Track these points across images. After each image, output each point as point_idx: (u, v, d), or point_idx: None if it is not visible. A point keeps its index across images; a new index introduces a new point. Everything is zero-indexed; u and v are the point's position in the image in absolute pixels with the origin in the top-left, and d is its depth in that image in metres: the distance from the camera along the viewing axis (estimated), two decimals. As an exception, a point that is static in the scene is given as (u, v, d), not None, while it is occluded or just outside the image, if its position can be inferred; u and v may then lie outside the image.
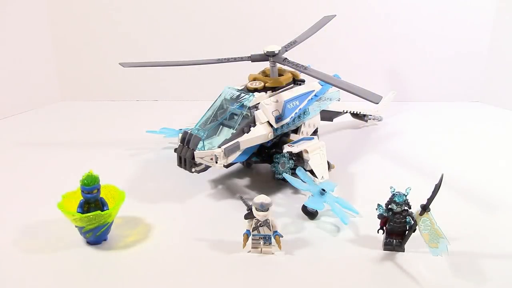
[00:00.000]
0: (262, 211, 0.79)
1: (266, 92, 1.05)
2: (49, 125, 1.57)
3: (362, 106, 1.41)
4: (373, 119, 1.49)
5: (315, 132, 1.19)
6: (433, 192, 0.76)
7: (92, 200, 0.83)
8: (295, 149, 1.02)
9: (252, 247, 0.82)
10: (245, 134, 0.98)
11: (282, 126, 1.04)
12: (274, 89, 1.07)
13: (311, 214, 0.94)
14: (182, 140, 0.97)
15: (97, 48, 1.80)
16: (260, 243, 0.82)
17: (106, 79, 1.83)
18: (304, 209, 0.94)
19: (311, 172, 0.99)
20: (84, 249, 0.84)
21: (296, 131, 1.13)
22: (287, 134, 1.10)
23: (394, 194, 0.80)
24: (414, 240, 0.80)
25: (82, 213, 0.82)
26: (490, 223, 0.92)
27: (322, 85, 1.14)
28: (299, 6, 1.70)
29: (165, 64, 1.24)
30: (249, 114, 1.00)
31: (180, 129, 1.24)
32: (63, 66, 1.83)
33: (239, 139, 0.96)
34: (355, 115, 1.45)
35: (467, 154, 1.27)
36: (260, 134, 0.99)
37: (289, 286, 0.75)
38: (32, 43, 1.72)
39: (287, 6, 1.71)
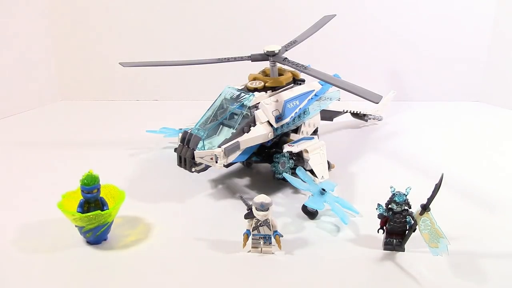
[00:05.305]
0: (262, 211, 0.79)
1: (266, 92, 1.05)
2: (49, 125, 1.57)
3: (362, 106, 1.41)
4: (373, 119, 1.49)
5: (315, 132, 1.19)
6: (433, 192, 0.76)
7: (92, 199, 0.83)
8: (295, 148, 1.02)
9: (252, 247, 0.82)
10: (245, 133, 0.98)
11: (282, 126, 1.04)
12: (274, 88, 1.06)
13: (311, 214, 0.94)
14: (182, 139, 0.97)
15: (97, 48, 1.80)
16: (260, 242, 0.82)
17: (106, 79, 1.83)
18: (304, 209, 0.94)
19: (311, 171, 0.99)
20: (84, 249, 0.84)
21: (296, 130, 1.13)
22: (287, 134, 1.10)
23: (394, 194, 0.80)
24: (414, 240, 0.80)
25: (82, 212, 0.82)
26: (490, 223, 0.92)
27: (322, 85, 1.14)
28: (299, 6, 1.70)
29: (165, 64, 1.24)
30: (249, 113, 1.00)
31: (180, 129, 1.24)
32: (63, 66, 1.83)
33: (239, 139, 0.96)
34: (355, 114, 1.45)
35: (467, 154, 1.27)
36: (260, 133, 0.99)
37: (289, 286, 0.74)
38: (32, 43, 1.72)
39: (287, 6, 1.71)
